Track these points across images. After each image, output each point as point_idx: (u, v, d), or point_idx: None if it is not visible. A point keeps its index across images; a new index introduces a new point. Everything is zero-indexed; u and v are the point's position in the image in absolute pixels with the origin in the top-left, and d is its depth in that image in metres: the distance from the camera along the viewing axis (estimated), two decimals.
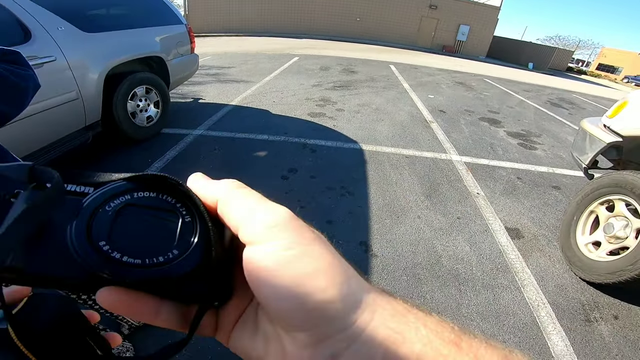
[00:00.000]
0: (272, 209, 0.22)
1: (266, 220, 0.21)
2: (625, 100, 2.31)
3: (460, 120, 5.39)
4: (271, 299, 0.19)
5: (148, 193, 0.22)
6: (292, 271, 0.19)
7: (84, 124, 2.62)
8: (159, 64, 3.47)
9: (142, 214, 0.22)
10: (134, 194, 0.22)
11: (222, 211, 0.22)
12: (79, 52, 2.47)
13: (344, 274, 0.20)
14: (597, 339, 1.77)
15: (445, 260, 2.18)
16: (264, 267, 0.20)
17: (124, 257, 0.20)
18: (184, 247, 0.21)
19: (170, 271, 0.20)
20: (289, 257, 0.19)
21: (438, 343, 0.18)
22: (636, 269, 1.77)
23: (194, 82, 5.78)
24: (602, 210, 2.17)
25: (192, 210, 0.22)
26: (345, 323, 0.19)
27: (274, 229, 0.20)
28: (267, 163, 3.21)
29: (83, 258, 0.19)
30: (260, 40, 15.03)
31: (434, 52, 19.95)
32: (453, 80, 9.72)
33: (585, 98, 11.19)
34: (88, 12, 2.70)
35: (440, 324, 0.20)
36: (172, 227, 0.22)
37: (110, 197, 0.21)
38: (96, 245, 0.20)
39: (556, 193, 3.29)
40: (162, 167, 2.93)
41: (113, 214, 0.21)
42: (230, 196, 0.23)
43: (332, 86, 6.66)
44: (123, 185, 0.22)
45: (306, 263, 0.19)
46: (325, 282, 0.19)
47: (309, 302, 0.19)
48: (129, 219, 0.21)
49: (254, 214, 0.21)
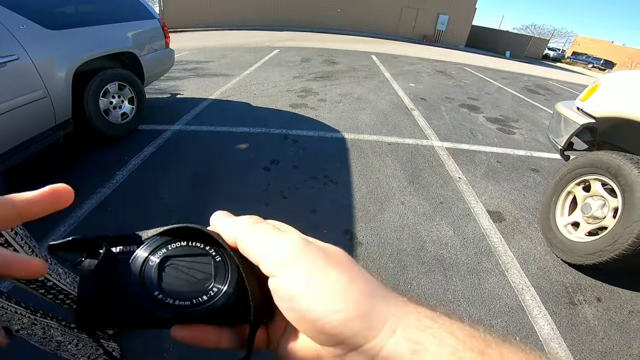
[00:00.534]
0: (285, 242, 0.24)
1: (280, 255, 0.23)
2: (596, 84, 2.37)
3: (440, 107, 5.45)
4: (297, 323, 0.22)
5: (180, 243, 0.27)
6: (311, 298, 0.21)
7: (54, 122, 2.54)
8: (132, 59, 3.40)
9: (180, 262, 0.26)
10: (168, 247, 0.27)
11: (242, 250, 0.26)
12: (44, 50, 2.40)
13: (362, 292, 0.22)
14: (583, 322, 1.78)
15: (430, 246, 2.20)
16: (284, 296, 0.23)
17: (176, 301, 0.24)
18: (220, 284, 0.25)
19: (215, 306, 0.25)
20: (307, 286, 0.22)
21: (464, 352, 0.19)
22: (615, 250, 1.77)
23: (172, 77, 5.62)
24: (579, 190, 2.20)
25: (221, 251, 0.27)
26: (366, 338, 0.20)
27: (289, 263, 0.23)
28: (249, 155, 3.15)
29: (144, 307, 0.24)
30: (240, 34, 14.74)
31: (415, 41, 20.06)
32: (433, 69, 9.80)
33: (560, 84, 11.52)
34: (52, 10, 2.62)
35: (469, 332, 0.20)
36: (208, 268, 0.26)
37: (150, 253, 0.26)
38: (151, 295, 0.24)
39: (535, 175, 3.37)
40: (139, 164, 2.84)
41: (156, 268, 0.25)
42: (247, 236, 0.26)
43: (314, 77, 6.61)
44: (158, 241, 0.27)
45: (323, 288, 0.21)
46: (343, 303, 0.21)
47: (330, 323, 0.21)
48: (170, 269, 0.26)
49: (270, 250, 0.24)
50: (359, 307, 0.21)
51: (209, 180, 2.69)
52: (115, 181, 2.57)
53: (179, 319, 0.25)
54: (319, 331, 0.21)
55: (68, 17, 2.76)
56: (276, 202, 2.48)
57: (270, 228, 0.26)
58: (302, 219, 2.31)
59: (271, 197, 2.53)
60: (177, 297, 0.24)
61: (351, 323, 0.20)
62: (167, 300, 0.24)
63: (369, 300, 0.21)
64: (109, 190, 2.45)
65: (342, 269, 0.23)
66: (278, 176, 2.83)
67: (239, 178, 2.76)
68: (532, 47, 23.47)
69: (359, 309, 0.21)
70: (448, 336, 0.19)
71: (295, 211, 2.40)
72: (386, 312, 0.21)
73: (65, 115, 2.63)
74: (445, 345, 0.19)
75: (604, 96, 2.24)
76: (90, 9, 3.05)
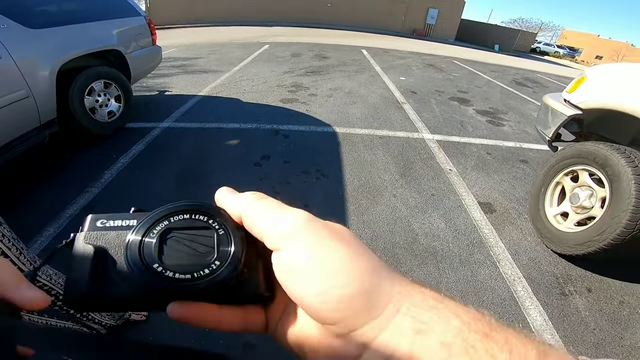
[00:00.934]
0: (290, 216, 0.23)
1: (284, 228, 0.23)
2: (583, 76, 2.40)
3: (431, 100, 5.48)
4: (300, 299, 0.22)
5: (183, 216, 0.26)
6: (313, 272, 0.21)
7: (39, 122, 2.49)
8: (118, 57, 3.35)
9: (182, 235, 0.25)
10: (170, 219, 0.26)
11: (247, 225, 0.25)
12: (26, 49, 2.37)
13: (365, 269, 0.21)
14: (574, 312, 1.79)
15: (423, 238, 2.21)
16: (287, 270, 0.22)
17: (176, 274, 0.23)
18: (223, 258, 0.24)
19: (216, 280, 0.23)
20: (310, 260, 0.21)
21: (469, 335, 0.18)
22: (604, 239, 1.78)
23: (160, 74, 5.53)
24: (568, 181, 2.23)
25: (224, 225, 0.26)
26: (370, 315, 0.20)
27: (293, 236, 0.22)
28: (240, 151, 3.13)
29: (143, 280, 0.23)
30: (229, 30, 14.55)
31: (405, 35, 20.07)
32: (423, 62, 9.83)
33: (548, 77, 11.65)
34: (33, 9, 2.58)
35: (475, 315, 0.20)
36: (210, 242, 0.25)
37: (152, 225, 0.25)
38: (151, 268, 0.23)
39: (524, 166, 3.42)
40: (128, 163, 2.79)
41: (157, 239, 0.24)
42: (252, 210, 0.25)
43: (304, 72, 6.57)
44: (161, 213, 0.26)
45: (326, 263, 0.21)
46: (346, 279, 0.20)
47: (332, 299, 0.20)
48: (172, 241, 0.25)
49: (274, 223, 0.23)
50: (362, 283, 0.20)
51: (199, 176, 2.66)
52: (104, 180, 2.53)
53: (178, 294, 0.23)
54: (321, 308, 0.21)
55: (50, 15, 2.73)
56: None
57: (276, 203, 0.25)
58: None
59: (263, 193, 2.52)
60: (178, 270, 0.23)
61: (354, 300, 0.20)
62: (167, 273, 0.23)
63: (373, 278, 0.21)
64: (97, 189, 2.41)
65: (346, 244, 0.22)
66: (269, 171, 2.81)
67: (230, 174, 2.74)
68: (520, 41, 23.65)
69: (362, 286, 0.20)
70: (453, 317, 0.19)
71: None
72: (390, 290, 0.20)
73: (50, 114, 2.58)
74: (451, 327, 0.18)
75: (590, 88, 2.27)
76: (73, 7, 3.01)
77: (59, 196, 2.29)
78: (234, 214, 0.26)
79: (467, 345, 0.18)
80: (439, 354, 0.18)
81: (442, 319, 0.19)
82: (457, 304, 0.20)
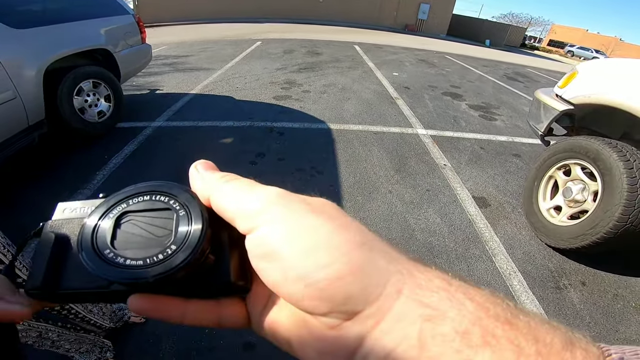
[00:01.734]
0: (260, 194, 0.21)
1: (254, 206, 0.20)
2: (574, 72, 2.42)
3: (424, 95, 5.49)
4: (277, 286, 0.18)
5: (142, 198, 0.24)
6: (290, 252, 0.18)
7: (27, 124, 2.44)
8: (106, 56, 3.30)
9: (139, 217, 0.23)
10: (129, 202, 0.23)
11: (216, 209, 0.22)
12: (11, 49, 2.32)
13: (353, 242, 0.18)
14: (569, 306, 1.80)
15: (419, 234, 2.22)
16: (262, 253, 0.19)
17: (127, 260, 0.21)
18: (180, 241, 0.22)
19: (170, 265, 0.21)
20: (284, 239, 0.18)
21: (488, 321, 0.15)
22: (597, 233, 1.80)
23: (150, 72, 5.44)
24: (560, 174, 2.25)
25: (186, 206, 0.23)
26: (365, 299, 0.16)
27: (264, 214, 0.19)
28: (234, 150, 3.10)
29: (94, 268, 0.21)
30: (220, 27, 14.37)
31: (397, 31, 20.06)
32: (416, 58, 9.84)
33: (538, 72, 11.77)
34: (16, 8, 2.53)
35: (492, 299, 0.17)
36: (169, 224, 0.22)
37: (108, 209, 0.23)
38: (102, 254, 0.21)
39: (517, 160, 3.45)
40: (120, 163, 2.75)
41: (112, 223, 0.22)
42: (221, 192, 0.22)
43: (297, 69, 6.53)
44: (120, 196, 0.24)
45: (304, 240, 0.18)
46: (330, 256, 0.17)
47: (316, 283, 0.17)
48: (128, 225, 0.23)
49: (245, 202, 0.20)
50: (351, 260, 0.17)
51: None
52: (96, 181, 2.49)
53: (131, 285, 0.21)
54: (303, 295, 0.17)
55: (35, 15, 2.68)
56: None
57: (247, 182, 0.22)
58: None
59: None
60: (130, 257, 0.21)
61: (343, 281, 0.16)
62: (118, 259, 0.21)
63: (363, 252, 0.17)
64: (89, 191, 2.37)
65: (329, 217, 0.19)
66: (265, 169, 2.80)
67: None
68: (510, 36, 23.85)
69: (352, 263, 0.17)
70: (467, 301, 0.16)
71: None
72: (387, 267, 0.17)
73: (38, 115, 2.53)
74: (466, 312, 0.15)
75: (581, 83, 2.30)
76: (59, 6, 2.96)
77: (50, 198, 2.25)
78: (202, 196, 0.23)
79: (488, 333, 0.15)
80: (455, 345, 0.15)
81: (454, 302, 0.16)
82: (468, 285, 0.17)
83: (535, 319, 0.16)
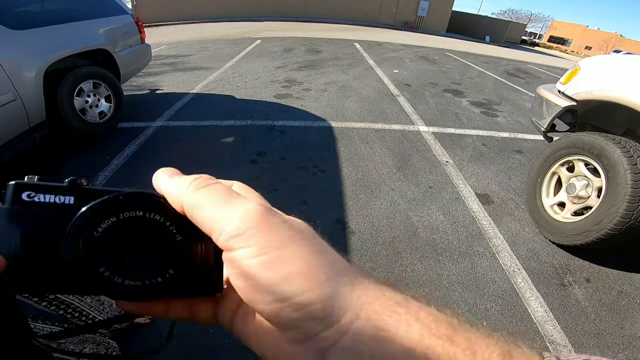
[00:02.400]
0: (238, 211, 0.21)
1: (233, 226, 0.20)
2: (577, 68, 2.40)
3: (425, 92, 5.47)
4: (253, 303, 0.20)
5: (134, 213, 0.23)
6: (267, 278, 0.19)
7: (28, 125, 2.44)
8: (106, 57, 3.30)
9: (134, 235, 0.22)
10: (119, 215, 0.22)
11: (191, 217, 0.22)
12: (10, 50, 2.32)
13: (324, 273, 0.20)
14: (574, 303, 1.79)
15: (422, 231, 2.21)
16: (239, 274, 0.20)
17: (125, 281, 0.22)
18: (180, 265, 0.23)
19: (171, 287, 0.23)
20: (262, 264, 0.19)
21: (430, 340, 0.18)
22: (601, 229, 1.78)
23: (150, 72, 5.44)
24: (564, 171, 2.23)
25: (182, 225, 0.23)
26: (328, 322, 0.19)
27: (244, 236, 0.20)
28: (235, 149, 3.10)
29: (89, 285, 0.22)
30: (219, 26, 14.35)
31: (397, 28, 19.99)
32: (416, 54, 9.81)
33: (539, 68, 11.72)
34: (15, 9, 2.52)
35: (436, 317, 0.19)
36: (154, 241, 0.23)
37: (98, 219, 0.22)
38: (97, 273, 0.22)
39: (519, 157, 3.44)
40: (122, 164, 2.75)
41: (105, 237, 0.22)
42: (194, 200, 0.22)
43: (297, 67, 6.51)
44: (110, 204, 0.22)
45: (281, 268, 0.19)
46: (303, 285, 0.19)
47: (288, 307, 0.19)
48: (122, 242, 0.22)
49: (221, 219, 0.21)
50: (322, 290, 0.19)
51: None
52: (99, 182, 2.48)
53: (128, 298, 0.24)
54: (275, 315, 0.19)
55: (33, 16, 2.67)
56: (265, 195, 2.42)
57: (223, 190, 0.22)
58: (293, 211, 2.28)
59: (260, 191, 2.45)
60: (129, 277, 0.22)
61: (311, 308, 0.19)
62: (115, 279, 0.22)
63: (331, 283, 0.19)
64: None
65: (307, 245, 0.21)
66: (266, 168, 2.79)
67: (226, 172, 2.70)
68: (510, 32, 23.74)
69: (321, 292, 0.19)
70: (414, 322, 0.18)
71: (285, 203, 2.37)
72: (350, 295, 0.19)
73: (39, 117, 2.53)
74: (412, 332, 0.18)
75: (584, 79, 2.28)
76: (58, 7, 2.95)
77: None
78: (175, 203, 0.23)
79: (428, 351, 0.17)
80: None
81: (403, 324, 0.18)
82: (420, 305, 0.20)
83: (476, 333, 0.18)
